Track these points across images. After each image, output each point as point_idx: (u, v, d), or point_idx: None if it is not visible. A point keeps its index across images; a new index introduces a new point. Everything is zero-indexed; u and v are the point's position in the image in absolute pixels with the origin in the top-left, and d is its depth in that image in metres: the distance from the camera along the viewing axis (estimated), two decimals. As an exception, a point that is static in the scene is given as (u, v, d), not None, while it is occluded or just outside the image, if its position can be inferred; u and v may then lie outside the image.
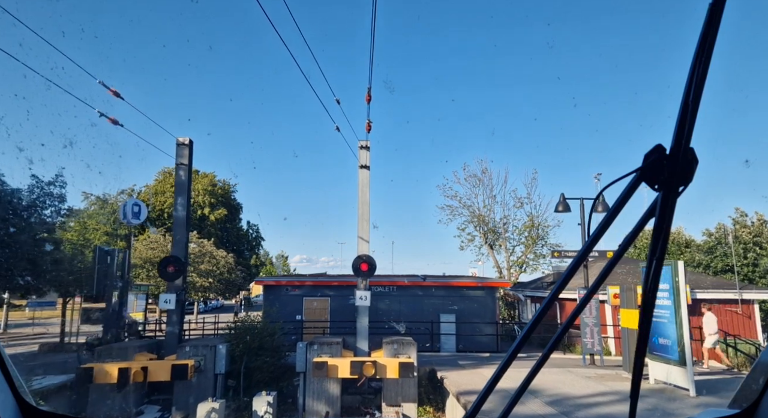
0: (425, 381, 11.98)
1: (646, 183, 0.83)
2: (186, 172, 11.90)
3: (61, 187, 14.19)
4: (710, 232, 26.39)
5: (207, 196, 53.85)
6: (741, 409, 1.22)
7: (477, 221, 35.49)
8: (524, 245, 34.95)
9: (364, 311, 12.11)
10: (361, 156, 12.46)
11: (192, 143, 12.26)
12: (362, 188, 12.48)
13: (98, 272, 12.15)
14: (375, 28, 7.55)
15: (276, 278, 22.47)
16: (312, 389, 11.16)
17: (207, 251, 29.96)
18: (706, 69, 0.77)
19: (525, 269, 35.50)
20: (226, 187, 58.73)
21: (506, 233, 35.15)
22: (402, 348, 11.46)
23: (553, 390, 9.29)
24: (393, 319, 17.48)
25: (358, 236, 12.29)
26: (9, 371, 1.21)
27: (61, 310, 17.64)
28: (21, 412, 1.22)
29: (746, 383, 1.26)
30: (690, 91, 0.77)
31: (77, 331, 18.79)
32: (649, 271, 0.89)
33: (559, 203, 13.34)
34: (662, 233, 0.83)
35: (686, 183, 0.81)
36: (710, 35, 0.76)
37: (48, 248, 14.78)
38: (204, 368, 10.81)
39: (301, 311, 18.32)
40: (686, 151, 0.78)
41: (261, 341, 11.65)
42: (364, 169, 12.45)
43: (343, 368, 10.41)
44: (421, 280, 19.11)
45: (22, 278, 13.87)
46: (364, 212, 12.34)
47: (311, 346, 11.25)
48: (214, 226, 53.87)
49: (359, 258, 11.80)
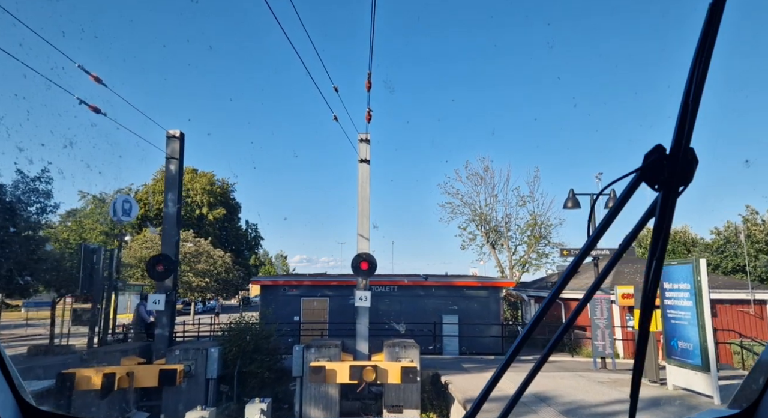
0: (428, 386, 11.40)
1: (646, 183, 0.83)
2: (177, 166, 11.32)
3: (48, 183, 13.60)
4: (719, 230, 25.74)
5: (205, 196, 53.38)
6: (741, 409, 1.21)
7: (479, 220, 34.93)
8: (526, 244, 34.42)
9: (364, 312, 11.53)
10: (361, 149, 11.88)
11: (183, 136, 11.68)
12: (362, 183, 11.90)
13: (83, 271, 11.56)
14: (375, 11, 6.97)
15: (273, 278, 21.89)
16: (309, 395, 10.58)
17: (204, 251, 29.37)
18: (706, 69, 0.77)
19: (527, 269, 34.97)
20: (225, 186, 58.28)
21: (508, 232, 34.59)
22: (404, 351, 10.88)
23: (566, 397, 8.70)
24: (393, 319, 16.94)
25: (357, 234, 11.72)
26: (9, 371, 1.20)
27: (51, 311, 17.06)
28: (21, 412, 1.22)
29: (746, 383, 1.25)
30: (690, 91, 0.77)
31: (68, 332, 18.22)
32: (649, 271, 0.89)
33: (568, 199, 12.74)
34: (662, 233, 0.84)
35: (686, 183, 0.81)
36: (710, 35, 0.75)
37: (35, 246, 14.20)
38: (195, 372, 10.23)
39: (299, 312, 17.73)
40: (686, 151, 0.79)
41: (256, 344, 11.07)
42: (364, 164, 11.87)
43: (342, 373, 9.83)
44: (422, 279, 18.52)
45: (7, 277, 13.30)
46: (364, 208, 11.76)
47: (308, 349, 10.67)
48: (212, 225, 53.44)
49: (359, 256, 11.23)
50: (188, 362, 10.13)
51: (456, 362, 13.62)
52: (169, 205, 11.23)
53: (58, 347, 16.58)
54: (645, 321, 0.94)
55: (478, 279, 19.77)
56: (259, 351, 11.04)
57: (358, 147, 11.91)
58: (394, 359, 10.82)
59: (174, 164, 11.31)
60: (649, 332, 0.96)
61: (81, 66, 7.67)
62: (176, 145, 11.35)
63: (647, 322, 0.94)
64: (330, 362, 10.02)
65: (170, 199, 11.21)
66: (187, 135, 11.60)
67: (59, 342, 17.64)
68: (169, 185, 11.32)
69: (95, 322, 12.97)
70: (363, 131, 11.97)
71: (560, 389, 9.36)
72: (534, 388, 9.36)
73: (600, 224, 0.87)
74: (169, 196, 11.24)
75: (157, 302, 10.52)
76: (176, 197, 11.32)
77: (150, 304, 10.58)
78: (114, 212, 14.30)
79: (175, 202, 11.21)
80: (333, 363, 9.95)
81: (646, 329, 0.94)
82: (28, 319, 30.35)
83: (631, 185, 0.83)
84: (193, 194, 52.63)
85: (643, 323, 0.94)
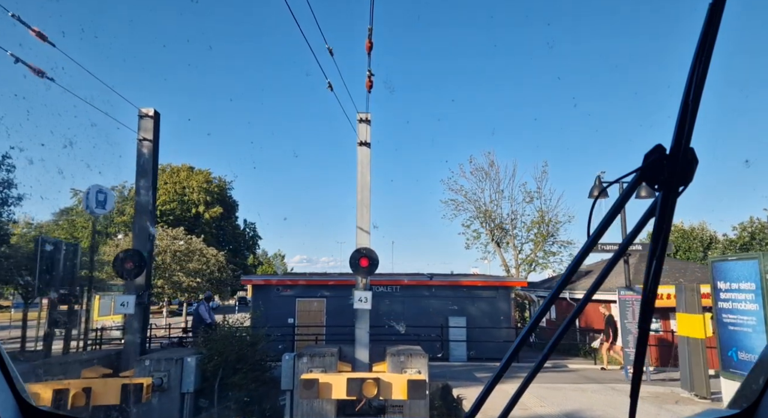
0: (438, 401, 10.00)
1: (646, 183, 0.82)
2: (150, 150, 9.90)
3: (8, 172, 12.19)
4: (744, 226, 24.24)
5: (202, 194, 52.11)
6: (741, 409, 1.20)
7: (483, 217, 33.54)
8: (533, 242, 33.04)
9: (364, 315, 10.14)
10: (360, 130, 10.47)
11: (158, 116, 10.28)
12: (362, 170, 10.49)
13: (39, 268, 10.16)
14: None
15: (265, 277, 20.46)
16: (301, 412, 9.19)
17: (196, 249, 27.95)
18: (706, 69, 0.77)
19: (534, 268, 33.61)
20: (221, 184, 56.95)
21: (514, 230, 33.20)
22: (410, 360, 9.48)
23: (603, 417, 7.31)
24: (395, 321, 15.58)
25: (357, 226, 10.31)
26: (9, 371, 1.20)
27: (23, 312, 15.64)
28: (21, 412, 1.22)
29: (746, 383, 1.25)
30: (690, 91, 0.77)
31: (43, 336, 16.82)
32: (649, 271, 0.89)
33: (594, 187, 11.30)
34: (662, 233, 0.84)
35: (686, 183, 0.81)
36: (710, 35, 0.75)
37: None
38: (168, 386, 8.82)
39: (293, 314, 16.34)
40: (686, 151, 0.79)
41: (240, 352, 9.64)
42: (364, 147, 10.47)
43: (339, 387, 8.39)
44: (427, 279, 17.13)
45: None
46: (364, 197, 10.35)
47: (300, 358, 9.27)
48: (209, 224, 52.17)
49: (358, 252, 9.82)
50: (160, 374, 8.73)
51: (467, 371, 12.21)
52: (142, 193, 9.82)
53: (29, 353, 15.16)
54: (645, 321, 0.94)
55: (487, 278, 18.36)
56: (244, 360, 9.62)
57: (357, 128, 10.50)
58: (398, 369, 9.43)
59: (147, 147, 9.90)
60: (648, 332, 0.95)
61: (18, 16, 6.28)
62: (149, 125, 9.94)
63: (647, 322, 0.94)
64: (324, 374, 8.61)
65: (143, 187, 9.80)
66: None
67: (34, 347, 16.25)
68: (142, 171, 9.90)
69: (58, 325, 11.60)
70: (363, 110, 10.57)
71: (595, 406, 7.96)
72: (566, 404, 7.95)
73: (600, 223, 0.87)
74: (142, 183, 9.83)
75: (125, 305, 9.10)
76: (150, 184, 9.91)
77: (117, 306, 9.17)
78: (87, 205, 12.92)
79: (148, 189, 9.81)
80: (328, 375, 8.52)
81: (645, 330, 0.95)
82: (11, 320, 28.92)
83: (631, 185, 0.84)
84: (189, 192, 51.38)
85: (642, 323, 0.95)
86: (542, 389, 9.45)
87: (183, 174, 52.43)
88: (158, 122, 10.21)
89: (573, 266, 0.95)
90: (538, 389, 9.40)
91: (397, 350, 9.67)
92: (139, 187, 9.77)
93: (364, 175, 10.41)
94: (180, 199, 50.55)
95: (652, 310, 0.93)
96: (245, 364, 9.65)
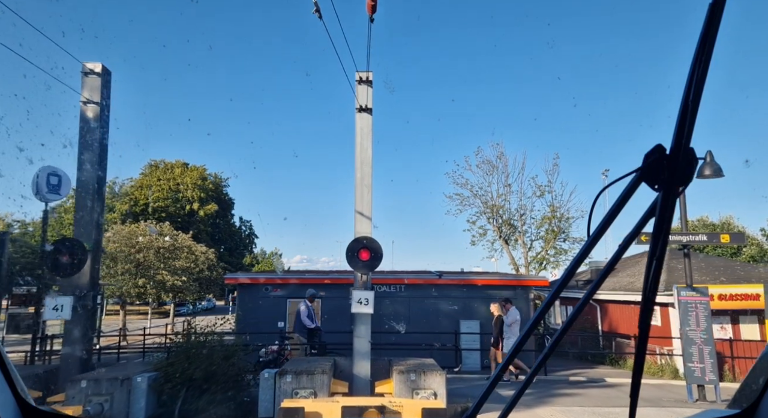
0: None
1: (646, 183, 0.82)
2: (96, 113, 7.88)
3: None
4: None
5: (196, 191, 50.34)
6: (741, 409, 1.18)
7: (490, 212, 31.50)
8: (544, 239, 31.02)
9: (365, 320, 8.13)
10: (360, 93, 8.47)
11: (110, 73, 8.27)
12: (361, 141, 8.49)
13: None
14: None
15: (252, 275, 18.42)
16: (283, 445, 7.18)
17: (184, 246, 25.94)
18: (706, 69, 0.75)
19: (545, 267, 31.62)
20: (217, 181, 55.11)
21: (523, 226, 31.18)
22: (423, 379, 7.48)
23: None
24: (397, 323, 13.64)
25: (355, 211, 8.31)
26: (9, 371, 1.17)
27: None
28: (21, 412, 1.19)
29: (746, 383, 1.22)
30: (690, 91, 0.76)
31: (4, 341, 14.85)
32: (649, 271, 0.88)
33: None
34: (662, 233, 0.83)
35: (686, 183, 0.80)
36: (710, 35, 0.74)
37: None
38: (110, 414, 6.82)
39: (284, 317, 14.35)
40: (686, 151, 0.78)
41: (208, 368, 7.62)
42: (364, 113, 8.47)
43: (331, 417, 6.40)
44: (436, 277, 15.12)
45: None
46: (364, 174, 8.35)
47: (282, 377, 7.27)
48: (203, 222, 50.41)
49: (357, 242, 7.81)
50: (99, 399, 6.72)
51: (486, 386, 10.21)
52: (84, 171, 7.80)
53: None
54: (644, 321, 0.94)
55: (504, 277, 16.34)
56: (214, 379, 7.61)
57: (355, 90, 8.50)
58: (408, 390, 7.43)
59: (93, 110, 7.88)
60: (648, 333, 0.95)
61: None
62: (96, 83, 7.92)
63: (647, 322, 0.93)
64: (313, 401, 6.61)
65: (86, 160, 7.78)
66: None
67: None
68: (86, 141, 7.89)
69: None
70: (363, 69, 8.57)
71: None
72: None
73: (600, 224, 0.87)
74: (85, 156, 7.81)
75: (58, 308, 7.09)
76: (98, 158, 7.90)
77: (48, 311, 7.15)
78: (37, 190, 10.94)
79: (94, 163, 7.79)
80: (317, 402, 6.51)
81: (645, 330, 0.94)
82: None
83: (631, 185, 0.83)
84: (184, 189, 49.59)
85: (642, 323, 0.94)
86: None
87: (177, 170, 50.66)
88: (109, 81, 8.21)
89: (572, 266, 0.94)
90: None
91: (406, 366, 7.67)
92: (81, 160, 7.75)
93: (365, 147, 8.41)
94: (174, 196, 48.81)
95: (651, 310, 0.92)
96: (215, 383, 7.65)
